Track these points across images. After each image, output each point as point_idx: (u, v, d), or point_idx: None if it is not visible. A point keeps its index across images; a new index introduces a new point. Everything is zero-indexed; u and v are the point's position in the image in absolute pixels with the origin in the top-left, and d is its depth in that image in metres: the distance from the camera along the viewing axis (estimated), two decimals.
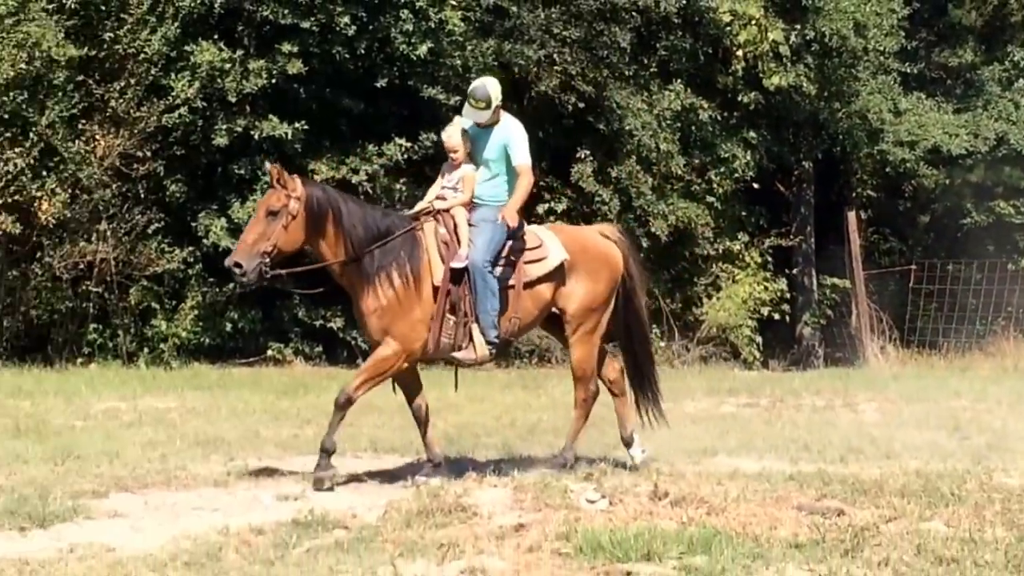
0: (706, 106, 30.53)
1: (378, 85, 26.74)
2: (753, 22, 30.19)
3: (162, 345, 26.03)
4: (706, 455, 14.87)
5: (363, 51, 26.64)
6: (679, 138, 30.28)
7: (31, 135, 24.83)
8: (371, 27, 26.53)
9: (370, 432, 16.57)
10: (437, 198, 13.50)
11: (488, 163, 13.47)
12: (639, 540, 10.03)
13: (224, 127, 26.08)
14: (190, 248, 26.47)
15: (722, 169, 31.07)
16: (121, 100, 25.68)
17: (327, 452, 12.94)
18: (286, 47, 26.00)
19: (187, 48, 25.97)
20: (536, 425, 17.33)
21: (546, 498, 11.56)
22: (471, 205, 13.43)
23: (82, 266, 25.77)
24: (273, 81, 26.03)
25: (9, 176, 24.54)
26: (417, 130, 26.97)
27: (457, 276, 13.00)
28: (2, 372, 23.16)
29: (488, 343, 13.18)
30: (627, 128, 29.65)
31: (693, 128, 30.70)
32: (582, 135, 30.20)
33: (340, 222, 12.80)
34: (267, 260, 12.62)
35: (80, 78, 25.59)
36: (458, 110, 27.84)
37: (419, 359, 13.51)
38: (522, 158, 13.48)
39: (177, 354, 25.93)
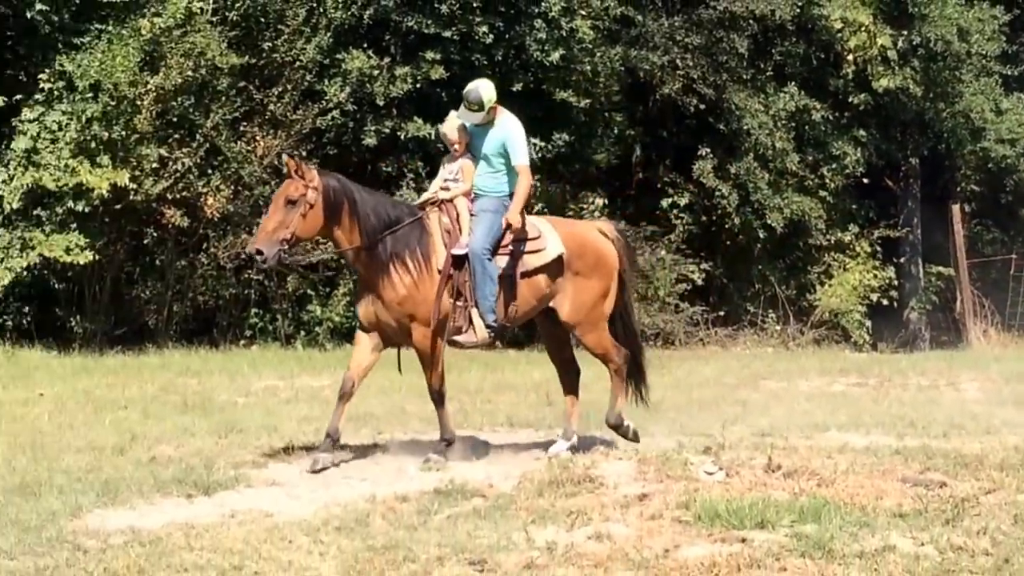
0: (818, 107, 30.34)
1: (514, 89, 26.73)
2: (863, 28, 29.96)
3: (317, 328, 26.21)
4: (817, 430, 14.81)
5: (500, 58, 26.73)
6: (793, 137, 30.08)
7: (198, 136, 25.10)
8: (507, 36, 26.63)
9: (507, 409, 16.68)
10: (441, 189, 13.35)
11: (488, 158, 13.24)
12: (753, 509, 10.09)
13: (373, 128, 26.28)
14: None
15: (834, 165, 30.83)
16: (279, 104, 25.90)
17: (448, 442, 13.07)
18: (429, 54, 26.15)
19: (339, 56, 26.13)
20: (659, 403, 17.33)
21: (667, 470, 11.59)
22: (472, 195, 13.27)
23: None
24: (417, 86, 26.15)
25: (178, 174, 24.83)
26: (550, 131, 26.98)
27: (458, 263, 12.87)
28: (172, 353, 23.39)
29: (487, 327, 13.03)
30: (745, 128, 29.54)
31: (806, 127, 30.52)
32: (703, 134, 30.12)
33: (355, 211, 12.67)
34: (286, 247, 12.50)
35: (242, 84, 25.84)
36: (589, 113, 28.41)
37: None
38: (521, 158, 13.29)
39: (330, 337, 26.06)
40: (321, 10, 26.10)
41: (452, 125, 13.34)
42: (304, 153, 25.95)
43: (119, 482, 11.34)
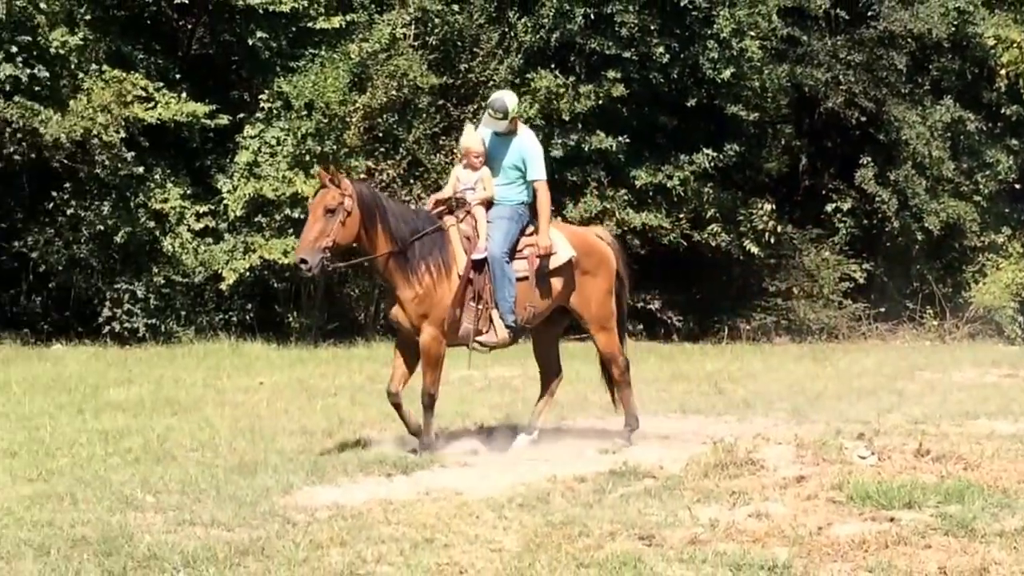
0: (972, 118, 29.87)
1: (688, 104, 26.77)
2: (1015, 45, 29.40)
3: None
4: (968, 418, 14.61)
5: (675, 76, 26.70)
6: (949, 146, 29.67)
7: (401, 150, 25.44)
8: (682, 55, 26.57)
9: (680, 397, 16.63)
10: (456, 198, 12.88)
11: (505, 170, 12.75)
12: (902, 491, 9.99)
13: (559, 141, 26.29)
14: None
15: (987, 172, 30.37)
16: (474, 120, 26.13)
17: (427, 447, 12.40)
18: (611, 74, 26.17)
19: (528, 75, 26.26)
20: (822, 392, 17.21)
21: (823, 454, 11.50)
22: (488, 204, 12.73)
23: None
24: (600, 102, 26.17)
25: (383, 184, 25.07)
26: (722, 142, 26.92)
27: (478, 267, 12.44)
28: (378, 345, 23.42)
29: (507, 327, 12.67)
30: (904, 138, 29.19)
31: (961, 137, 30.07)
32: (864, 144, 29.81)
33: (386, 218, 12.28)
34: (327, 254, 11.99)
35: (440, 102, 26.09)
36: (758, 125, 28.25)
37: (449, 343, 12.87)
38: (538, 173, 12.85)
39: (527, 336, 26.22)
40: (512, 34, 26.30)
41: (474, 137, 12.91)
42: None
43: (327, 462, 11.52)
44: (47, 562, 8.39)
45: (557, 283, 12.85)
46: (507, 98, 12.81)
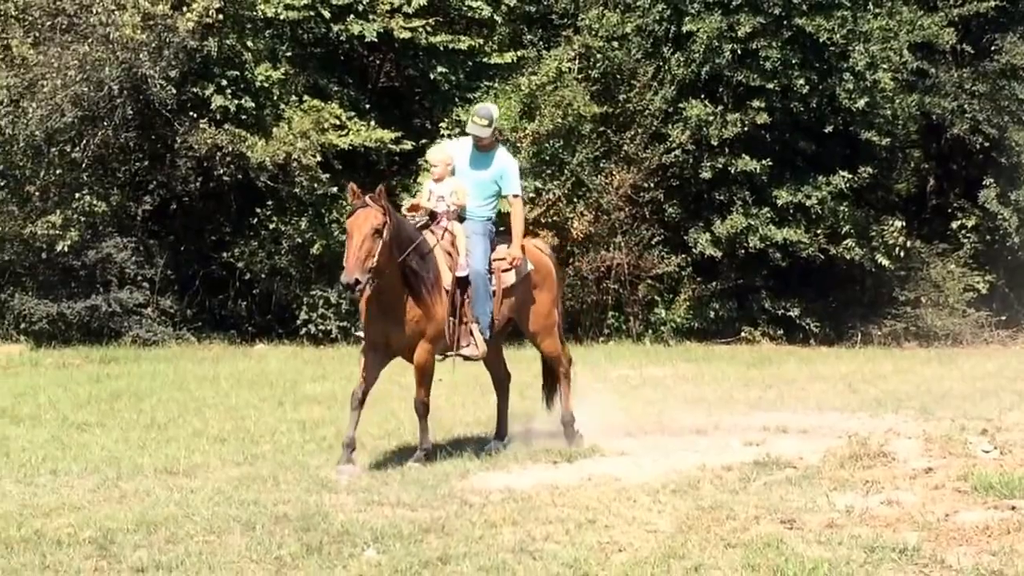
0: None
1: (826, 130, 26.50)
2: None
3: (662, 328, 26.28)
4: None
5: (814, 105, 26.41)
6: None
7: (565, 171, 25.49)
8: (820, 87, 26.29)
9: (817, 396, 16.40)
10: (430, 211, 11.81)
11: (483, 185, 11.90)
12: (1023, 482, 9.87)
13: (708, 164, 26.20)
14: (683, 255, 26.64)
15: None
16: (631, 144, 26.11)
17: (426, 451, 11.56)
18: (755, 103, 25.98)
19: (681, 105, 26.17)
20: (948, 392, 16.91)
21: (950, 448, 11.32)
22: (459, 217, 11.89)
23: (603, 269, 26.28)
24: (745, 128, 26.00)
25: (550, 202, 25.22)
26: (856, 165, 26.60)
27: (461, 283, 11.61)
28: None
29: (485, 340, 11.80)
30: None
31: None
32: (987, 167, 29.24)
33: (399, 234, 11.15)
34: (371, 274, 10.82)
35: (601, 129, 26.10)
36: (890, 150, 27.86)
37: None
38: (516, 188, 12.06)
39: (673, 335, 26.14)
40: (666, 68, 26.28)
41: (438, 152, 12.14)
42: (652, 185, 26.28)
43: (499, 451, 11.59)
44: (253, 536, 8.55)
45: (515, 295, 12.13)
46: (491, 107, 12.33)
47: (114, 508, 9.37)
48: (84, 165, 23.28)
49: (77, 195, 22.95)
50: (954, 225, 29.43)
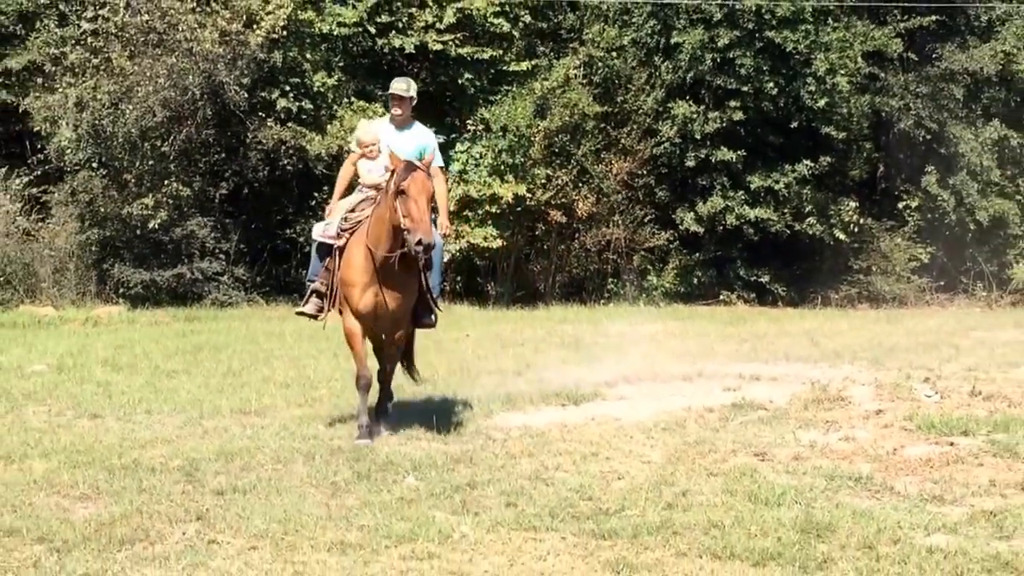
0: (1015, 135, 28.93)
1: (792, 126, 26.37)
2: None
3: (653, 292, 26.21)
4: (1011, 367, 14.11)
5: (782, 104, 26.23)
6: (996, 157, 28.85)
7: (572, 161, 25.45)
8: (787, 89, 26.11)
9: (784, 348, 16.13)
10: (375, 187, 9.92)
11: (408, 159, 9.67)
12: (960, 422, 9.85)
13: (692, 154, 26.04)
14: (671, 231, 26.59)
15: None
16: (628, 139, 26.03)
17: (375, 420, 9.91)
18: (732, 103, 25.79)
19: (669, 105, 26.00)
20: (895, 346, 16.80)
21: (897, 393, 11.32)
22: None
23: (603, 243, 26.25)
24: (723, 124, 25.83)
25: (558, 187, 25.18)
26: (817, 155, 26.45)
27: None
28: (555, 309, 23.69)
29: (433, 311, 10.13)
30: (960, 151, 28.41)
31: (1006, 150, 29.10)
32: (928, 156, 28.99)
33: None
34: None
35: (602, 125, 25.99)
36: (846, 142, 27.66)
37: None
38: (439, 160, 10.26)
39: (663, 298, 26.07)
40: (657, 74, 26.19)
41: (366, 130, 10.50)
42: (644, 172, 26.24)
43: (517, 395, 11.53)
44: (313, 465, 8.58)
45: None
46: (410, 79, 10.65)
47: (198, 442, 9.41)
48: (171, 157, 23.28)
49: (166, 182, 23.02)
50: (900, 205, 29.25)
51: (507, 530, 6.80)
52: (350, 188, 10.63)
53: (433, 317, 10.15)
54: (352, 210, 9.98)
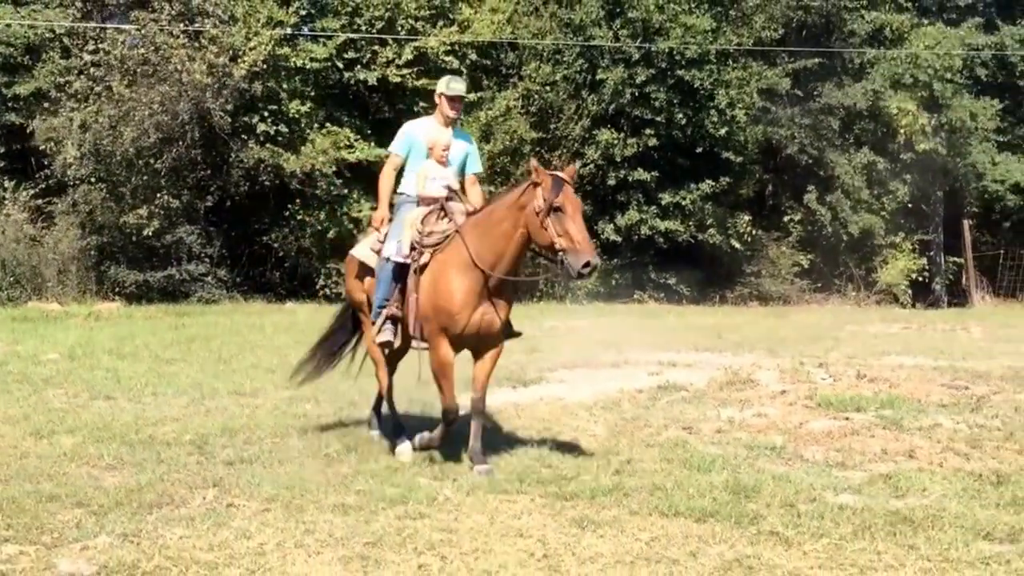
0: (881, 161, 29.49)
1: (697, 151, 26.60)
2: (910, 113, 29.03)
3: (579, 292, 25.99)
4: (884, 355, 14.49)
5: (689, 132, 26.39)
6: (865, 179, 29.36)
7: (512, 179, 25.20)
8: (694, 119, 26.28)
9: (693, 340, 16.25)
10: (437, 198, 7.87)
11: (451, 164, 8.14)
12: (852, 400, 10.02)
13: (613, 175, 26.03)
14: (594, 240, 25.44)
15: (890, 196, 29.90)
16: (559, 161, 25.82)
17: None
18: (647, 131, 25.83)
19: (594, 132, 26.06)
20: (785, 338, 17.03)
21: (797, 376, 11.50)
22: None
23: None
24: (640, 149, 25.91)
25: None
26: (717, 175, 26.64)
27: None
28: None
29: None
30: (836, 174, 28.91)
31: (873, 173, 29.65)
32: (810, 177, 29.44)
33: None
34: None
35: (537, 149, 25.83)
36: (741, 164, 27.95)
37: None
38: (480, 166, 8.54)
39: (586, 297, 25.85)
40: (584, 105, 26.21)
41: (444, 132, 8.15)
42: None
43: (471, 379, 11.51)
44: (306, 439, 8.53)
45: None
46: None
47: (203, 419, 9.31)
48: (163, 173, 22.97)
49: (158, 195, 22.71)
50: (785, 219, 29.65)
51: (484, 493, 6.82)
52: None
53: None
54: (421, 223, 7.75)
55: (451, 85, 8.22)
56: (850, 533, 5.98)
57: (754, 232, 28.33)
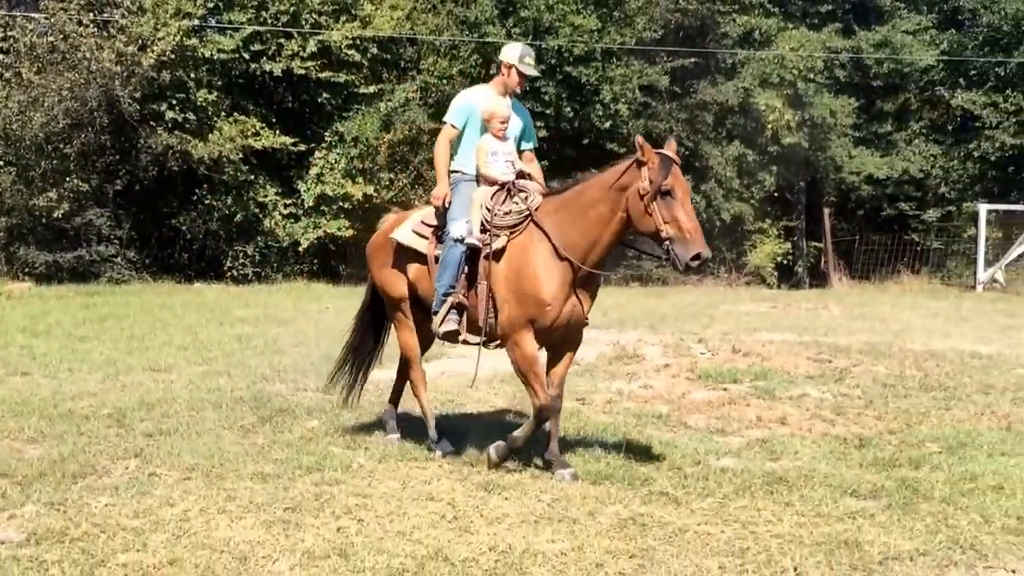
0: (751, 153, 29.99)
1: (584, 142, 26.81)
2: (777, 109, 29.66)
3: None
4: (755, 331, 14.76)
5: (576, 124, 26.62)
6: (736, 169, 29.92)
7: (410, 167, 25.00)
8: (581, 113, 26.47)
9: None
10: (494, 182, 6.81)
11: (507, 140, 7.00)
12: (729, 372, 10.22)
13: None
14: None
15: (758, 185, 30.49)
16: None
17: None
18: (538, 123, 25.63)
19: None
20: (665, 315, 17.17)
21: (679, 351, 11.68)
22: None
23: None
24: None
25: (399, 187, 24.71)
26: (603, 167, 26.87)
27: None
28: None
29: None
30: (710, 164, 29.33)
31: (744, 164, 30.18)
32: (686, 168, 29.74)
33: None
34: None
35: (434, 139, 25.94)
36: (625, 156, 28.32)
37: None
38: (535, 141, 7.48)
39: None
40: None
41: (502, 102, 7.03)
42: None
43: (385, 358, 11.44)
44: (221, 411, 8.43)
45: None
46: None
47: (120, 394, 9.11)
48: (72, 157, 22.27)
49: (67, 179, 22.03)
50: None
51: (395, 461, 6.83)
52: None
53: None
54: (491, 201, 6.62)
55: (527, 61, 6.88)
56: (732, 492, 6.14)
57: None
